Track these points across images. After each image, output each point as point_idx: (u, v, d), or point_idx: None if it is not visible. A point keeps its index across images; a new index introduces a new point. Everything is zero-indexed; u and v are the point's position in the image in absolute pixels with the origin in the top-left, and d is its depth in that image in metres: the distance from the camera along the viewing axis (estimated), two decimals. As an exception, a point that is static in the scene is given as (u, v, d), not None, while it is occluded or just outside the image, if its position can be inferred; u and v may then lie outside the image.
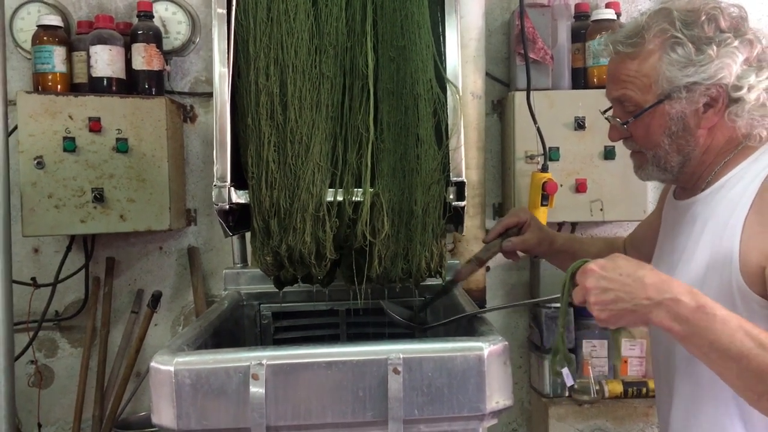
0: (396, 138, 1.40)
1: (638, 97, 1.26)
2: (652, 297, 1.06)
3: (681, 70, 1.20)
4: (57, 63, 2.24)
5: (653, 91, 1.24)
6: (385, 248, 1.40)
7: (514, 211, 1.65)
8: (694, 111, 1.23)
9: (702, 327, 1.04)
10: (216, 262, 2.51)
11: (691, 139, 1.25)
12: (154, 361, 1.17)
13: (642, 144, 1.31)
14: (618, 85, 1.30)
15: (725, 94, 1.21)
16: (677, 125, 1.24)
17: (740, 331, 1.03)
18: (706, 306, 1.05)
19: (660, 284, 1.07)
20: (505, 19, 2.54)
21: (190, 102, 2.50)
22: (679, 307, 1.05)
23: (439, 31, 1.44)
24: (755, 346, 1.02)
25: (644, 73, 1.25)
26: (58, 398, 2.49)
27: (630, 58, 1.26)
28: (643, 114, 1.26)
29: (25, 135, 2.13)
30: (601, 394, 2.27)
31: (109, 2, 2.45)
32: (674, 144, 1.26)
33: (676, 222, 1.36)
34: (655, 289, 1.06)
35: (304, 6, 1.38)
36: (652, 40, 1.23)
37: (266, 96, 1.36)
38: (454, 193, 1.40)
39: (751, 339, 1.02)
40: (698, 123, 1.24)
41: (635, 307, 1.07)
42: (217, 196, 1.37)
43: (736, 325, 1.04)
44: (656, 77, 1.23)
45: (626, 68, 1.27)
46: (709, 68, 1.19)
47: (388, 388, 1.16)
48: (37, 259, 2.46)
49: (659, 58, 1.23)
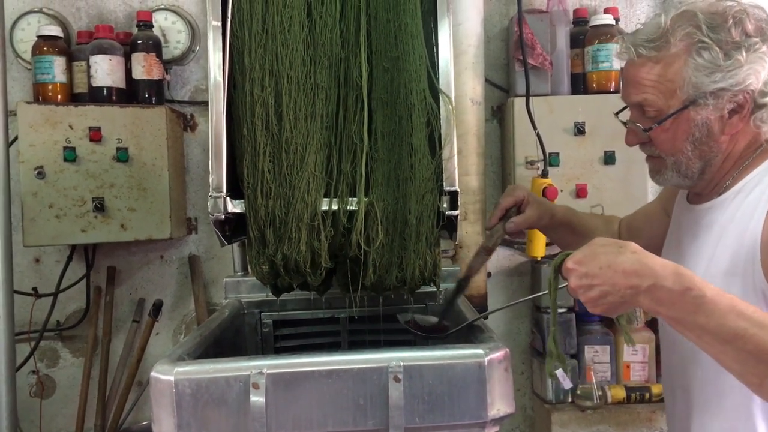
0: (390, 148, 1.40)
1: (661, 102, 1.22)
2: (635, 285, 1.02)
3: (708, 76, 1.17)
4: (57, 73, 2.25)
5: (678, 96, 1.20)
6: (379, 257, 1.40)
7: (510, 190, 1.60)
8: (719, 117, 1.20)
9: (690, 311, 1.01)
10: (217, 271, 2.51)
11: (714, 145, 1.23)
12: (155, 371, 1.18)
13: (663, 150, 1.27)
14: (639, 90, 1.25)
15: (751, 100, 1.18)
16: (701, 131, 1.21)
17: (732, 311, 1.00)
18: (693, 288, 1.01)
19: (641, 270, 1.02)
20: (503, 25, 2.55)
21: (190, 111, 2.50)
22: (663, 293, 1.01)
23: (433, 42, 1.44)
24: (750, 326, 0.98)
25: (669, 78, 1.21)
26: (60, 408, 2.49)
27: (653, 61, 1.22)
28: (666, 120, 1.22)
29: (25, 145, 2.14)
30: (604, 399, 2.27)
31: (109, 12, 2.46)
32: (697, 150, 1.23)
33: (691, 227, 1.33)
34: (636, 277, 1.02)
35: (298, 18, 1.39)
36: (677, 43, 1.19)
37: (261, 107, 1.37)
38: (448, 202, 1.41)
39: (745, 319, 0.99)
40: (722, 129, 1.21)
41: (622, 297, 1.04)
42: (212, 206, 1.38)
43: (728, 305, 1.00)
44: (681, 83, 1.19)
45: (649, 72, 1.23)
46: (737, 74, 1.16)
47: (389, 396, 1.16)
48: (38, 269, 2.46)
49: (685, 62, 1.18)
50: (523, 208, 1.57)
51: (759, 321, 0.99)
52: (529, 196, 1.58)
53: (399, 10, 1.40)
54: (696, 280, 1.02)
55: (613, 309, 1.07)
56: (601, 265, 1.05)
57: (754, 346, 0.98)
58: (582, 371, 2.33)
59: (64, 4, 2.44)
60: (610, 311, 1.08)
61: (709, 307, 1.00)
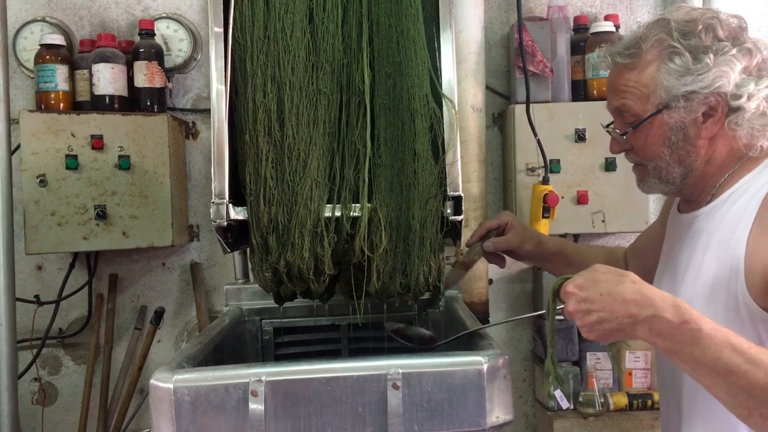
0: (393, 153, 1.40)
1: (637, 107, 1.25)
2: (634, 314, 1.02)
3: (678, 80, 1.19)
4: (60, 81, 2.25)
5: (652, 100, 1.23)
6: (383, 263, 1.40)
7: (498, 214, 1.65)
8: (693, 120, 1.21)
9: (687, 343, 1.01)
10: (219, 278, 2.51)
11: (692, 149, 1.24)
12: (154, 379, 1.18)
13: (642, 155, 1.29)
14: (617, 96, 1.29)
15: (724, 103, 1.19)
16: (677, 135, 1.23)
17: (727, 346, 1.00)
18: (691, 321, 1.01)
19: (641, 300, 1.03)
20: (504, 32, 2.55)
21: (192, 118, 2.51)
22: (662, 324, 1.02)
23: (435, 47, 1.45)
24: (744, 362, 0.99)
25: (642, 83, 1.24)
26: (62, 416, 2.49)
27: (628, 68, 1.26)
28: (642, 124, 1.25)
29: (28, 153, 2.14)
30: (606, 406, 2.26)
31: (111, 21, 2.47)
32: (674, 155, 1.25)
33: (680, 236, 1.34)
34: (636, 306, 1.02)
35: (300, 24, 1.39)
36: (650, 50, 1.23)
37: (264, 113, 1.37)
38: (452, 207, 1.40)
39: (739, 354, 0.99)
40: (698, 133, 1.22)
41: (619, 325, 1.04)
42: (215, 213, 1.38)
43: (723, 340, 1.00)
44: (654, 87, 1.22)
45: (625, 78, 1.27)
46: (706, 77, 1.18)
47: (388, 403, 1.16)
48: (40, 277, 2.47)
49: (657, 68, 1.22)
50: (506, 231, 1.61)
51: (753, 358, 0.99)
52: (514, 221, 1.62)
53: (401, 15, 1.40)
54: (693, 313, 1.02)
55: (608, 336, 1.07)
56: (601, 291, 1.05)
57: (746, 381, 0.99)
58: (584, 378, 2.33)
59: (67, 12, 2.46)
60: (605, 338, 1.08)
61: (705, 341, 1.00)
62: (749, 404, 1.00)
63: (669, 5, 2.59)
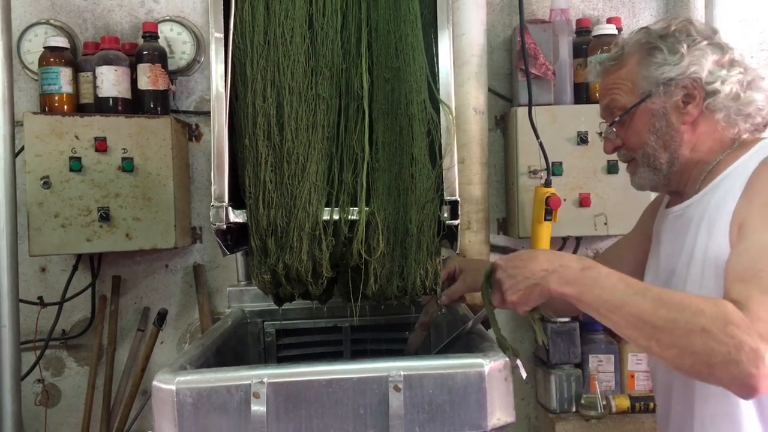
0: (391, 158, 1.41)
1: (624, 99, 1.38)
2: (546, 267, 1.20)
3: (657, 70, 1.33)
4: (63, 84, 2.26)
5: (635, 92, 1.37)
6: (380, 266, 1.41)
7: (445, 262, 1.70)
8: (674, 106, 1.33)
9: (588, 285, 1.16)
10: (221, 280, 2.52)
11: (676, 134, 1.35)
12: (156, 380, 1.19)
13: (631, 145, 1.41)
14: (606, 95, 1.43)
15: (700, 88, 1.31)
16: (660, 121, 1.35)
17: (621, 282, 1.14)
18: (591, 266, 1.18)
19: (551, 257, 1.22)
20: (506, 35, 2.56)
21: (195, 121, 2.52)
22: (568, 272, 1.18)
23: (434, 52, 1.45)
24: (632, 293, 1.12)
25: (626, 78, 1.38)
26: (65, 417, 2.50)
27: (614, 69, 1.41)
28: (629, 113, 1.37)
29: (31, 155, 2.15)
30: (608, 409, 2.26)
31: (115, 23, 2.49)
32: (660, 140, 1.36)
33: (672, 228, 1.43)
34: (547, 262, 1.21)
35: (300, 29, 1.40)
36: (632, 51, 1.38)
37: (263, 117, 1.38)
38: (448, 211, 1.41)
39: (629, 287, 1.13)
40: (680, 118, 1.34)
41: (537, 280, 1.21)
42: (214, 215, 1.38)
43: (617, 278, 1.15)
44: (636, 79, 1.36)
45: (611, 78, 1.41)
46: (681, 65, 1.31)
47: (389, 405, 1.17)
48: (43, 278, 2.48)
49: (638, 62, 1.36)
50: (456, 277, 1.67)
51: (639, 289, 1.13)
52: (462, 264, 1.70)
53: (399, 21, 1.41)
54: (594, 263, 1.20)
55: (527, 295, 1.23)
56: (522, 258, 1.25)
57: (638, 310, 1.11)
58: (586, 381, 2.33)
59: (71, 15, 2.47)
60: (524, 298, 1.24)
61: (603, 281, 1.15)
62: (646, 332, 1.11)
63: (671, 8, 2.60)
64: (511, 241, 2.53)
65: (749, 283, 1.10)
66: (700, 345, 1.05)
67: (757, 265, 1.12)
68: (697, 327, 1.05)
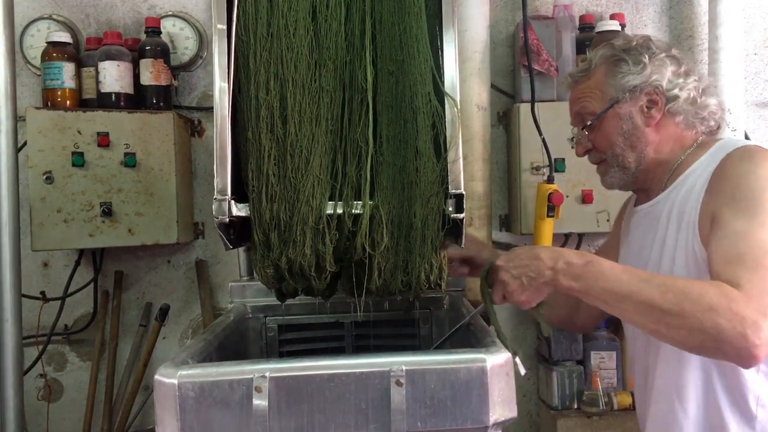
0: (395, 151, 1.40)
1: (593, 106, 1.52)
2: (552, 266, 1.28)
3: (623, 78, 1.48)
4: (66, 79, 2.26)
5: (604, 98, 1.50)
6: (384, 260, 1.40)
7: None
8: (639, 110, 1.47)
9: (594, 278, 1.24)
10: (224, 275, 2.52)
11: (641, 135, 1.48)
12: (158, 374, 1.19)
13: (601, 147, 1.53)
14: (576, 103, 1.56)
15: (662, 94, 1.46)
16: (627, 124, 1.48)
17: (625, 273, 1.23)
18: (593, 261, 1.26)
19: (553, 254, 1.29)
20: (509, 31, 2.55)
21: (197, 116, 2.52)
22: (572, 268, 1.26)
23: (438, 45, 1.45)
24: (638, 281, 1.21)
25: (595, 87, 1.52)
26: (67, 412, 2.50)
27: (583, 80, 1.55)
28: (599, 118, 1.51)
29: (34, 150, 2.15)
30: (610, 406, 2.26)
31: (118, 18, 2.49)
32: (627, 141, 1.49)
33: (641, 225, 1.55)
34: (551, 260, 1.28)
35: (303, 21, 1.39)
36: (599, 64, 1.52)
37: (266, 110, 1.37)
38: (453, 205, 1.40)
39: (634, 276, 1.22)
40: (645, 121, 1.48)
41: (543, 278, 1.29)
42: (217, 209, 1.38)
43: (621, 269, 1.25)
44: (604, 87, 1.51)
45: (581, 88, 1.55)
46: (644, 73, 1.46)
47: (391, 400, 1.17)
48: (46, 274, 2.48)
49: (605, 73, 1.51)
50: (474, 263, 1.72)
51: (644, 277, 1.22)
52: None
53: (404, 13, 1.40)
54: (594, 256, 1.29)
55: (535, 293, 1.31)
56: (523, 257, 1.32)
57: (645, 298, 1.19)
58: (588, 377, 2.33)
59: (74, 10, 2.47)
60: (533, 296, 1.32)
61: (607, 273, 1.24)
62: (655, 318, 1.19)
63: (675, 4, 2.59)
64: (513, 238, 2.53)
65: (735, 265, 1.20)
66: (710, 323, 1.14)
67: (738, 249, 1.22)
68: (705, 307, 1.15)
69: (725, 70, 2.38)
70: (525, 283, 1.30)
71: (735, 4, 2.40)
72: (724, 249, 1.24)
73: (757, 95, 2.62)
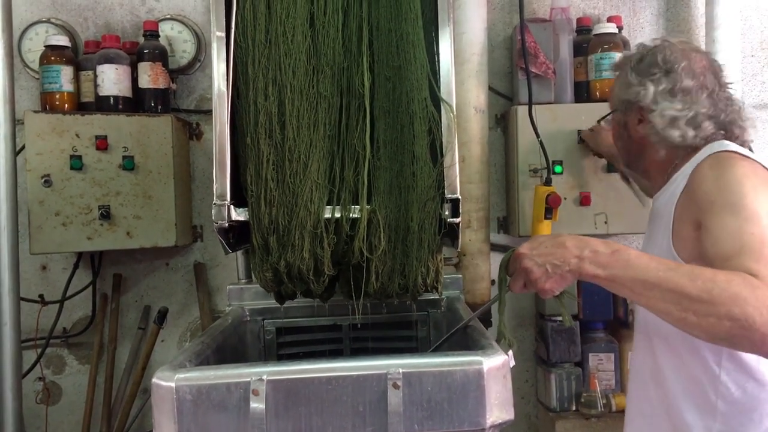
0: (392, 156, 1.42)
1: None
2: (578, 255, 1.26)
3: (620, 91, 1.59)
4: (64, 82, 2.27)
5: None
6: (382, 264, 1.41)
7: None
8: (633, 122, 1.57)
9: (621, 267, 1.23)
10: (222, 278, 2.52)
11: (632, 145, 1.60)
12: (156, 377, 1.19)
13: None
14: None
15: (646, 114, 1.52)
16: (623, 132, 1.61)
17: (652, 261, 1.22)
18: (620, 250, 1.25)
19: (578, 242, 1.28)
20: (507, 34, 2.56)
21: (196, 119, 2.53)
22: (599, 257, 1.24)
23: (434, 51, 1.45)
24: (665, 269, 1.20)
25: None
26: (66, 415, 2.50)
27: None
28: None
29: (32, 154, 2.16)
30: (609, 407, 2.27)
31: (116, 22, 2.49)
32: (624, 147, 1.64)
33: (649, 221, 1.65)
34: (577, 248, 1.27)
35: (301, 28, 1.40)
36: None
37: (265, 116, 1.38)
38: (449, 209, 1.42)
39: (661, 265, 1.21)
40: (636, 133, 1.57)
41: (569, 266, 1.27)
42: (216, 214, 1.39)
43: (647, 259, 1.23)
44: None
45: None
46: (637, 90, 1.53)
47: (388, 402, 1.17)
48: (44, 277, 2.48)
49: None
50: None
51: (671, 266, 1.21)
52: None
53: (400, 20, 1.41)
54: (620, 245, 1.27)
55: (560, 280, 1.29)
56: (547, 245, 1.30)
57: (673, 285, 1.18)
58: (586, 379, 2.33)
59: (72, 14, 2.47)
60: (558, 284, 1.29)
61: (634, 261, 1.22)
62: (683, 305, 1.17)
63: (672, 6, 2.60)
64: (511, 240, 2.53)
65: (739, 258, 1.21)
66: (738, 311, 1.13)
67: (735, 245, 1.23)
68: (732, 295, 1.14)
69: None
70: (549, 270, 1.28)
71: (732, 6, 2.40)
72: (721, 248, 1.25)
73: (754, 97, 2.63)
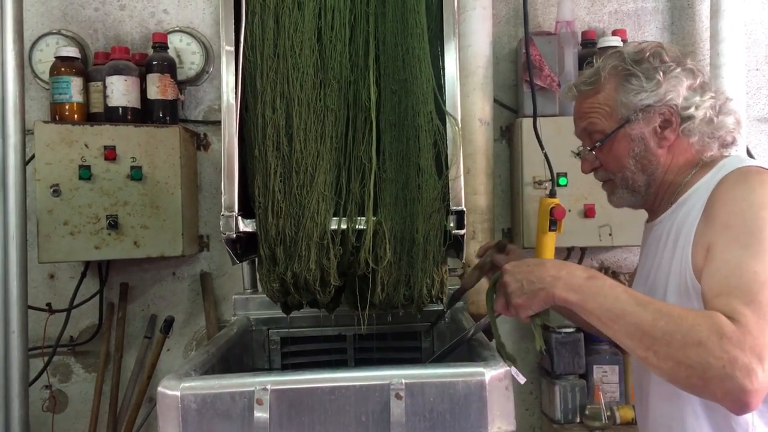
0: (398, 168, 1.43)
1: (602, 124, 1.42)
2: (553, 274, 1.23)
3: (635, 97, 1.37)
4: (74, 93, 2.29)
5: (614, 117, 1.40)
6: (387, 275, 1.42)
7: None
8: (652, 131, 1.38)
9: (593, 293, 1.19)
10: (228, 288, 2.54)
11: (653, 158, 1.40)
12: (161, 386, 1.20)
13: (611, 168, 1.45)
14: (583, 118, 1.46)
15: (677, 114, 1.36)
16: (639, 146, 1.39)
17: (625, 293, 1.17)
18: (596, 276, 1.22)
19: (558, 265, 1.26)
20: (512, 46, 2.58)
21: (203, 130, 2.55)
22: (574, 280, 1.21)
23: (440, 65, 1.47)
24: (634, 304, 1.15)
25: (605, 103, 1.41)
26: (72, 423, 2.51)
27: (591, 94, 1.44)
28: (609, 138, 1.41)
29: (42, 163, 2.18)
30: (613, 420, 2.26)
31: (125, 34, 2.52)
32: (639, 164, 1.41)
33: (648, 242, 1.50)
34: (554, 269, 1.24)
35: (309, 42, 1.42)
36: (608, 77, 1.41)
37: (272, 128, 1.40)
38: (454, 221, 1.43)
39: (631, 298, 1.16)
40: (658, 143, 1.39)
41: (543, 284, 1.23)
42: (224, 225, 1.40)
43: (622, 290, 1.18)
44: (615, 105, 1.40)
45: (588, 102, 1.44)
46: (658, 92, 1.36)
47: (391, 413, 1.18)
48: (52, 285, 2.50)
49: (615, 88, 1.40)
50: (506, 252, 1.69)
51: (641, 301, 1.16)
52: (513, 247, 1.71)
53: (406, 34, 1.43)
54: (600, 273, 1.24)
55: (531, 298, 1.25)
56: (529, 264, 1.28)
57: (637, 320, 1.13)
58: (590, 391, 2.33)
59: (82, 26, 2.50)
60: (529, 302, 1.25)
61: (607, 290, 1.18)
62: (644, 343, 1.13)
63: (677, 20, 2.61)
64: (515, 252, 2.54)
65: (729, 297, 1.12)
66: (696, 358, 1.07)
67: (730, 282, 1.15)
68: (694, 340, 1.07)
69: (727, 86, 2.40)
70: (524, 286, 1.25)
71: (737, 20, 2.42)
72: (717, 281, 1.17)
73: (759, 110, 2.64)
